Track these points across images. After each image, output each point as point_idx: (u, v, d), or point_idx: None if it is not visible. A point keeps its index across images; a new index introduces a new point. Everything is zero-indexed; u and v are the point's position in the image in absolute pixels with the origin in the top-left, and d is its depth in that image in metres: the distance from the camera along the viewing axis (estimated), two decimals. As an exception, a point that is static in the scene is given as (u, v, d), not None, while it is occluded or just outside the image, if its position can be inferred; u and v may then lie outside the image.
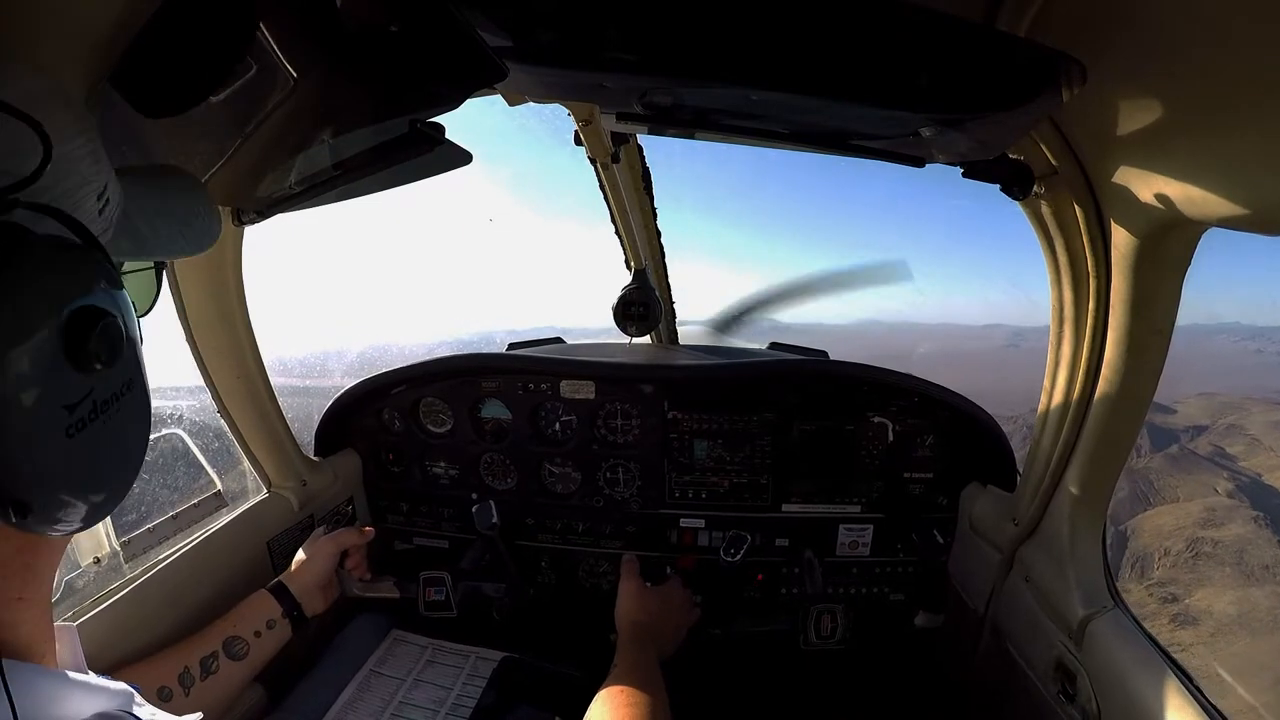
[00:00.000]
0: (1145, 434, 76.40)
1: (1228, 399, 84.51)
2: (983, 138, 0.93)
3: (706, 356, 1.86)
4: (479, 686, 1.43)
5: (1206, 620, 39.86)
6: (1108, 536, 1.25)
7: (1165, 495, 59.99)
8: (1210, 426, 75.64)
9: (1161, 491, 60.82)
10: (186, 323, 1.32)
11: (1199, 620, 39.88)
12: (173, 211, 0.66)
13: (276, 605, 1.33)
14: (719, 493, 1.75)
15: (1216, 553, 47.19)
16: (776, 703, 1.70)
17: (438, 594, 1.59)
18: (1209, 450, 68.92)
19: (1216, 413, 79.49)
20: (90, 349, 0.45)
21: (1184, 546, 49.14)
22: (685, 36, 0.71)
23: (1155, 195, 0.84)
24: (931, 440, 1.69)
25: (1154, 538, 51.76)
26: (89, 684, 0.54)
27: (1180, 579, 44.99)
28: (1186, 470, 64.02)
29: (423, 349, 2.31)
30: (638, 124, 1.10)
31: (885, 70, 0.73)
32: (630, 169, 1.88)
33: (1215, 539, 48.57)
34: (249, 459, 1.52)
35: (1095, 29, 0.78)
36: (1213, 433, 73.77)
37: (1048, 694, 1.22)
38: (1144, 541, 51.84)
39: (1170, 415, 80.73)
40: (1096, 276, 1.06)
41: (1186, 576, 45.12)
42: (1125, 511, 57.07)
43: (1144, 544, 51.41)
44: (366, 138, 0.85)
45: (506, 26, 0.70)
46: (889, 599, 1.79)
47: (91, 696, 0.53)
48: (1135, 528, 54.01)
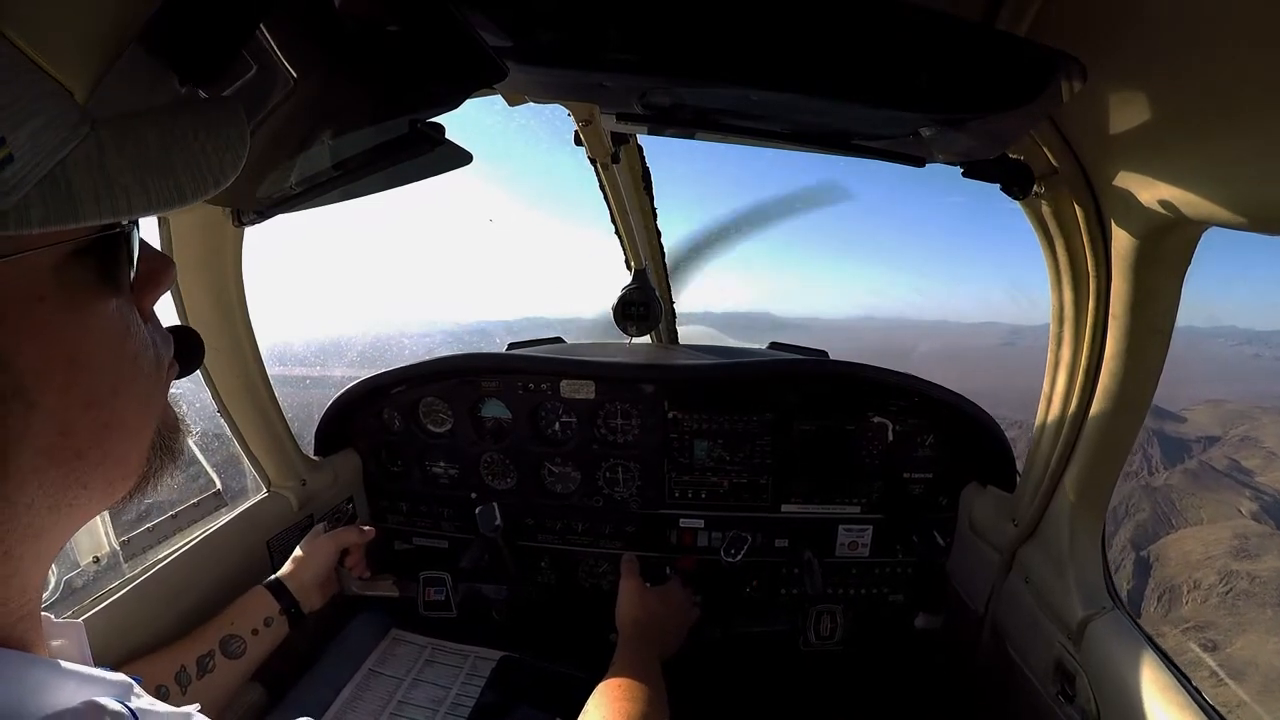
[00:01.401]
0: (1157, 445, 75.25)
1: (1236, 407, 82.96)
2: (983, 137, 0.93)
3: (706, 356, 1.86)
4: (478, 686, 1.43)
5: (1253, 674, 35.56)
6: (1107, 537, 1.25)
7: (1188, 516, 57.08)
8: (1223, 438, 73.91)
9: (1184, 512, 58.02)
10: (185, 321, 1.32)
11: (1244, 674, 35.72)
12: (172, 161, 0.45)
13: (274, 602, 1.33)
14: (719, 493, 1.75)
15: (1255, 590, 43.39)
16: (776, 703, 1.70)
17: (437, 594, 1.59)
18: (1225, 464, 66.84)
19: (1227, 422, 77.99)
20: None
21: (1217, 579, 45.88)
22: (685, 37, 0.71)
23: (1155, 195, 0.84)
24: (931, 440, 1.69)
25: (1181, 567, 48.58)
26: (82, 673, 0.50)
27: (1218, 621, 41.12)
28: (1207, 487, 61.80)
29: (422, 347, 2.32)
30: (638, 124, 1.10)
31: (885, 70, 0.73)
32: (630, 169, 1.88)
33: (1252, 573, 45.02)
34: (249, 458, 1.52)
35: (1095, 29, 0.78)
36: (1226, 444, 72.18)
37: (1047, 694, 1.22)
38: (1170, 571, 48.68)
39: (1180, 424, 79.16)
40: (1096, 277, 1.06)
41: (1225, 619, 41.31)
42: (1148, 535, 54.42)
43: (1170, 574, 48.30)
44: (366, 138, 0.85)
45: (506, 26, 0.70)
46: (888, 599, 1.79)
47: (85, 685, 0.49)
48: (1160, 554, 51.34)
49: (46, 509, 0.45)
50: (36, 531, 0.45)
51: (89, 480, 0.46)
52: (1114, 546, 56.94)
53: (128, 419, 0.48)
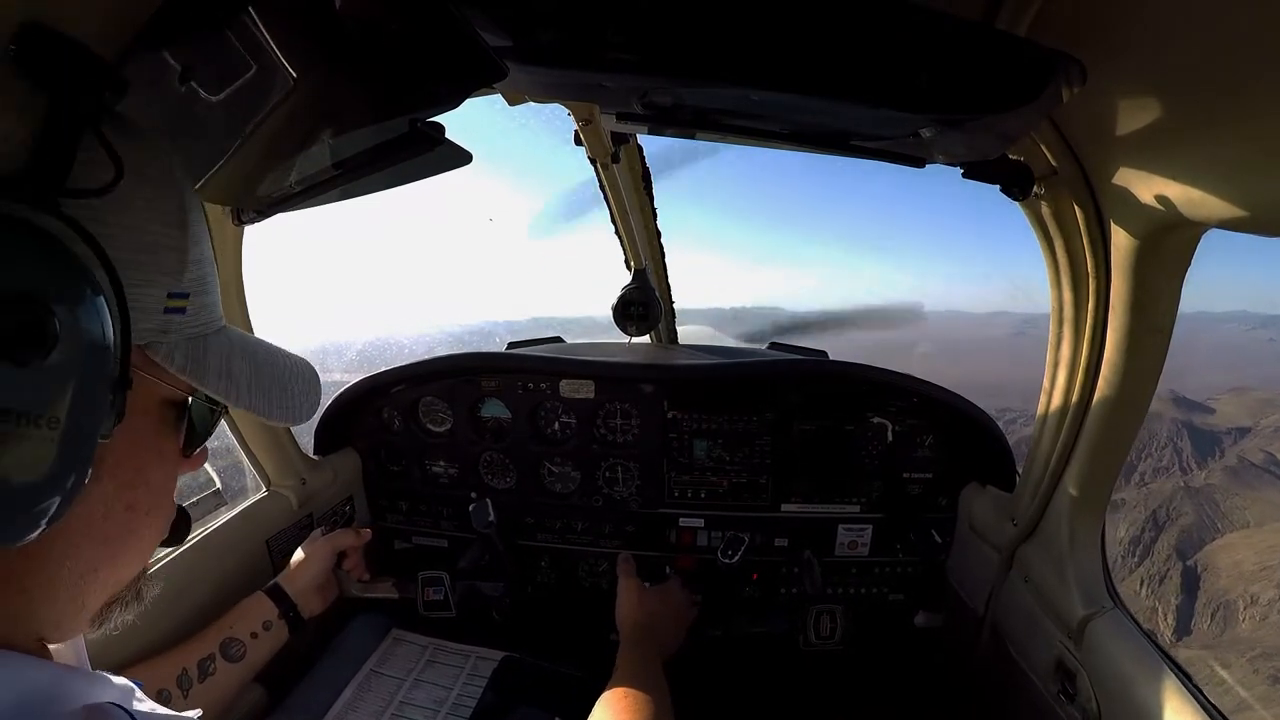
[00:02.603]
0: (1187, 438, 73.60)
1: (1263, 394, 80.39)
2: (983, 138, 0.93)
3: (706, 356, 1.86)
4: (479, 686, 1.43)
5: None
6: (1107, 536, 1.26)
7: (1233, 519, 53.96)
8: (1254, 429, 71.47)
9: (1229, 515, 55.14)
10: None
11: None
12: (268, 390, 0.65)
13: (273, 607, 1.33)
14: (718, 492, 1.75)
15: (1323, 606, 35.59)
16: (776, 703, 1.70)
17: (436, 594, 1.59)
18: (1263, 458, 63.49)
19: (1257, 411, 75.66)
20: None
21: (1277, 593, 41.52)
22: (686, 37, 0.71)
23: (1155, 196, 0.84)
24: (931, 440, 1.69)
25: (1234, 579, 44.67)
26: (86, 675, 0.53)
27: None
28: (1249, 485, 58.01)
29: (422, 345, 2.31)
30: (638, 124, 1.10)
31: (885, 70, 0.73)
32: (630, 169, 1.88)
33: (1317, 586, 38.29)
34: (248, 457, 1.52)
35: (1095, 29, 0.78)
36: (1258, 435, 69.31)
37: (1047, 693, 1.23)
38: (1222, 584, 44.72)
39: (1209, 415, 77.05)
40: (1096, 277, 1.06)
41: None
42: (1193, 542, 52.09)
43: (1222, 587, 44.30)
44: (366, 137, 0.85)
45: (506, 26, 0.70)
46: (888, 599, 1.79)
47: (88, 688, 0.52)
48: (1208, 563, 47.89)
49: (71, 572, 0.52)
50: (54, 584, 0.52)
51: (99, 567, 0.54)
52: (1157, 555, 54.16)
53: (144, 536, 0.58)
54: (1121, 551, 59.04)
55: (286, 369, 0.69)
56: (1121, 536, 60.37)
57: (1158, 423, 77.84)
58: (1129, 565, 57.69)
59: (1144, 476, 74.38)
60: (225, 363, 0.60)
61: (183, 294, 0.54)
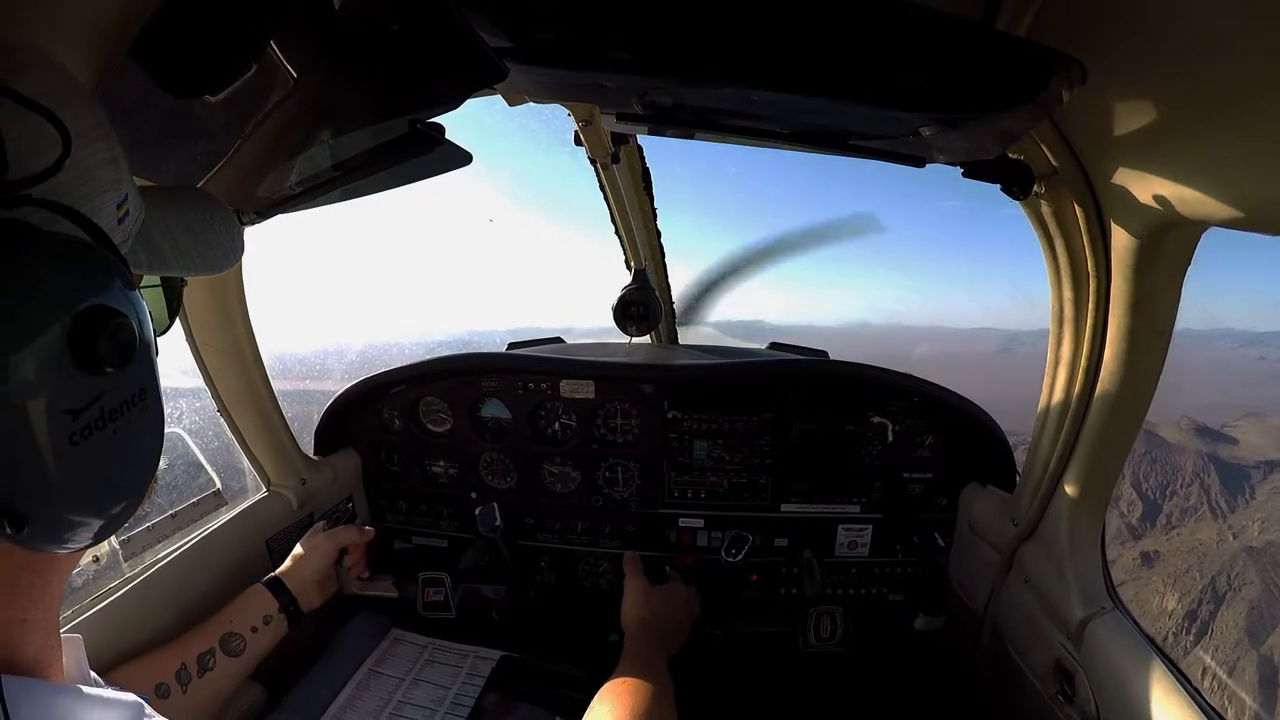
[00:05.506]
0: (1214, 473, 64.99)
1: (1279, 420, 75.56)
2: (983, 137, 0.93)
3: (706, 356, 1.86)
4: (478, 686, 1.43)
5: None
6: (1106, 537, 1.25)
7: None
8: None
9: None
10: (186, 322, 1.32)
11: None
12: (195, 230, 0.64)
13: (272, 600, 1.33)
14: (718, 492, 1.75)
15: None
16: (776, 704, 1.70)
17: (436, 595, 1.59)
18: None
19: None
20: (99, 351, 0.43)
21: None
22: (685, 37, 0.71)
23: (1155, 195, 0.84)
24: (931, 440, 1.69)
25: None
26: (98, 697, 0.53)
27: None
28: None
29: (421, 348, 2.31)
30: (638, 124, 1.10)
31: (885, 70, 0.73)
32: (630, 169, 1.88)
33: None
34: (248, 458, 1.52)
35: (1095, 29, 0.78)
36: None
37: (1047, 694, 1.22)
38: None
39: (1234, 447, 70.68)
40: (1096, 277, 1.06)
41: None
42: (1264, 620, 43.29)
43: None
44: (367, 138, 0.85)
45: (506, 26, 0.70)
46: (888, 599, 1.79)
47: (100, 710, 0.52)
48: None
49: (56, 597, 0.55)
50: None
51: None
52: (1220, 636, 44.99)
53: None
54: (1173, 627, 49.64)
55: (204, 205, 0.68)
56: (1173, 608, 50.81)
57: (1181, 456, 69.37)
58: (1184, 644, 46.54)
59: (1171, 519, 64.35)
60: (170, 236, 0.60)
61: (124, 198, 0.52)
